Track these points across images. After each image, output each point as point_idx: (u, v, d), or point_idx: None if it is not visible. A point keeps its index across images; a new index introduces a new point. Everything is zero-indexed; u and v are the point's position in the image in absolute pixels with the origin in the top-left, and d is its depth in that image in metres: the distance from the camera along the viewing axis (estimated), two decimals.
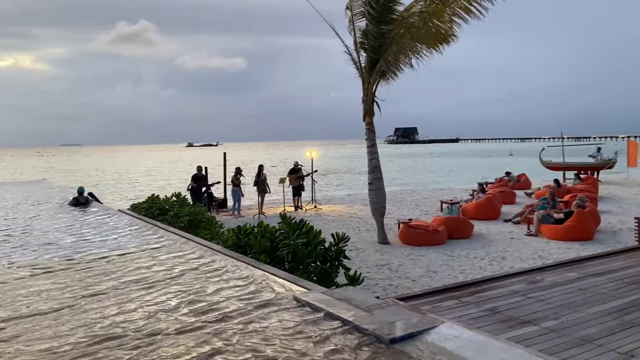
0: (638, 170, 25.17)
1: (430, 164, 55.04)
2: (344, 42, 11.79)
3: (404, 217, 14.01)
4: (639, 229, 7.71)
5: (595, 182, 20.78)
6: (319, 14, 11.43)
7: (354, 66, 11.93)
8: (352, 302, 4.12)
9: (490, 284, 5.67)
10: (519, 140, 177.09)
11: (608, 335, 4.03)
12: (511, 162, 48.68)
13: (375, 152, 11.81)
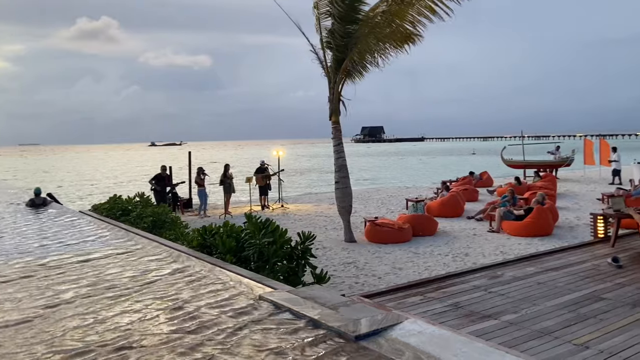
0: (594, 168, 26.16)
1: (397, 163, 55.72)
2: (310, 41, 11.82)
3: (370, 215, 14.14)
4: (595, 224, 8.00)
5: (554, 179, 21.46)
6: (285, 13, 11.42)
7: (320, 65, 11.97)
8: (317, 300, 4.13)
9: (454, 279, 5.79)
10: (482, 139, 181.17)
11: (564, 328, 4.18)
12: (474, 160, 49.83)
13: (342, 151, 11.87)
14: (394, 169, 45.11)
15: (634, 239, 7.44)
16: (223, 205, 16.45)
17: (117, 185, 33.19)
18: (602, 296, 5.00)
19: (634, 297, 4.97)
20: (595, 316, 4.44)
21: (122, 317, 3.79)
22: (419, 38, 11.17)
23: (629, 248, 7.07)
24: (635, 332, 4.05)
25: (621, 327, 4.17)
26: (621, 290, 5.19)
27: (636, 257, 6.52)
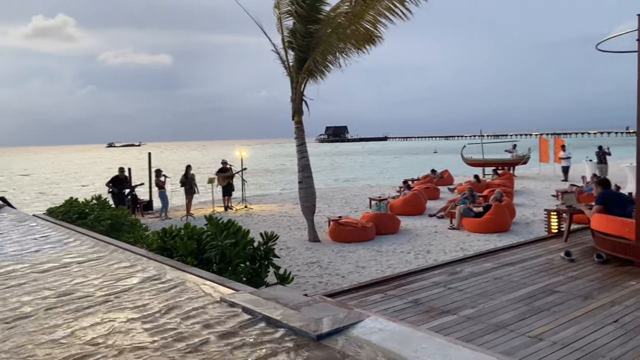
0: (549, 166, 27.07)
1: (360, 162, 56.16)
2: (272, 41, 11.78)
3: (334, 214, 14.22)
4: (549, 220, 8.29)
5: (511, 177, 22.11)
6: (246, 12, 11.34)
7: (282, 65, 11.95)
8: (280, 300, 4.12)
9: (414, 276, 5.88)
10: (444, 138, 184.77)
11: (519, 321, 4.31)
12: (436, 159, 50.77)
13: (305, 151, 11.88)
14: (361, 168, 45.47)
15: (585, 234, 7.75)
16: (185, 206, 16.20)
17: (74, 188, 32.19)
18: (555, 289, 5.19)
19: (585, 289, 5.18)
20: (549, 309, 4.60)
21: (80, 329, 3.68)
22: (379, 39, 11.30)
23: (580, 242, 7.36)
24: (586, 323, 4.22)
25: (573, 318, 4.33)
26: (573, 283, 5.40)
27: (587, 251, 6.79)
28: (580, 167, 23.59)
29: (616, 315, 4.40)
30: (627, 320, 4.26)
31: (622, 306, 4.62)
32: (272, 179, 35.58)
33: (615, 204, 6.70)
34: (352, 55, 11.63)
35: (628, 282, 5.38)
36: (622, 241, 6.15)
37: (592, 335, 3.97)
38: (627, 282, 5.36)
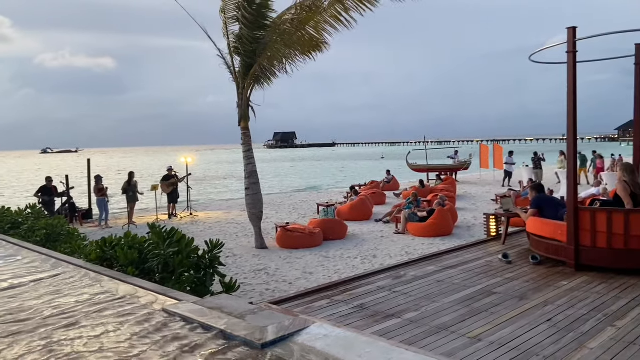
0: (489, 171, 28.17)
1: (309, 168, 56.33)
2: (217, 46, 11.64)
3: (282, 221, 14.18)
4: (488, 224, 8.61)
5: (454, 182, 22.83)
6: (190, 17, 11.15)
7: (228, 70, 11.82)
8: (224, 310, 4.05)
9: (360, 281, 5.94)
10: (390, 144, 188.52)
11: (460, 322, 4.44)
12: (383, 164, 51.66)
13: (252, 157, 11.79)
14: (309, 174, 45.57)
15: (521, 237, 8.10)
16: (127, 214, 15.68)
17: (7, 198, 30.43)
18: (493, 291, 5.38)
19: (520, 290, 5.40)
20: (487, 310, 4.76)
21: None
22: (325, 45, 11.40)
23: (517, 245, 7.69)
24: (521, 323, 4.40)
25: (510, 319, 4.51)
26: (510, 284, 5.62)
27: (523, 253, 7.09)
28: (517, 172, 24.69)
29: (549, 314, 4.61)
30: (560, 319, 4.48)
31: (555, 305, 4.86)
32: (219, 186, 35.05)
33: (549, 208, 7.04)
34: (299, 61, 11.68)
35: (560, 282, 5.66)
36: (555, 243, 6.48)
37: (527, 334, 4.14)
38: (559, 282, 5.64)
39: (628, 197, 6.36)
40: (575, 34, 6.10)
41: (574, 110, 6.16)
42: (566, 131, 6.26)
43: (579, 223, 6.15)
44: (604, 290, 5.30)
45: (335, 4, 10.29)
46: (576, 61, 6.15)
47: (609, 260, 5.98)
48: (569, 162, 6.47)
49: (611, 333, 4.11)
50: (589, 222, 6.09)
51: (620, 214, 5.98)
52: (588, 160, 23.54)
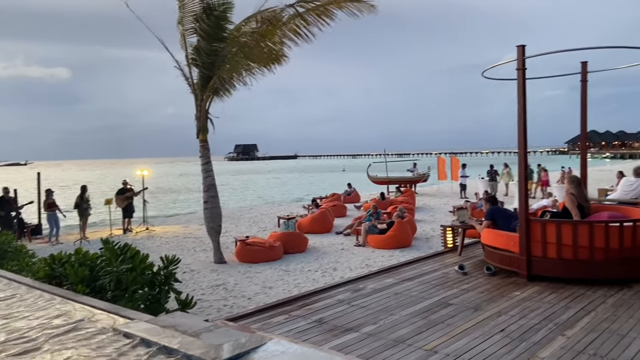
0: (447, 183, 28.77)
1: (270, 180, 56.07)
2: (174, 57, 11.49)
3: (241, 234, 14.01)
4: (444, 235, 8.76)
5: (413, 194, 23.21)
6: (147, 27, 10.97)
7: (186, 82, 11.67)
8: (179, 328, 3.93)
9: (319, 295, 5.91)
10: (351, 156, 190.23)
11: (417, 335, 4.47)
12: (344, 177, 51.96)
13: (210, 170, 11.64)
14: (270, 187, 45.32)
15: (477, 248, 8.27)
16: (79, 230, 15.14)
17: None
18: (449, 302, 5.46)
19: (475, 301, 5.50)
20: (443, 321, 4.82)
21: None
22: (285, 59, 11.43)
23: (472, 256, 7.84)
24: (476, 334, 4.47)
25: (465, 330, 4.57)
26: (466, 296, 5.71)
27: (478, 264, 7.24)
28: (474, 184, 25.33)
29: (503, 324, 4.70)
30: (513, 329, 4.57)
31: (508, 316, 4.96)
32: (177, 199, 34.39)
33: (502, 219, 7.23)
34: (259, 74, 11.65)
35: (513, 292, 5.79)
36: (508, 254, 6.64)
37: (481, 345, 4.20)
38: (512, 293, 5.77)
39: (575, 208, 6.61)
40: (524, 52, 6.33)
41: (524, 125, 6.37)
42: (517, 145, 6.47)
43: (531, 234, 6.33)
44: (554, 299, 5.45)
45: (295, 18, 10.36)
46: (525, 78, 6.38)
47: (559, 270, 6.18)
48: (520, 175, 6.67)
49: (561, 342, 4.23)
50: (540, 234, 6.28)
51: (568, 225, 6.20)
52: (534, 173, 24.41)
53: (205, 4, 10.78)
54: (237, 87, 11.96)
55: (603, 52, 7.03)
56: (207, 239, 12.59)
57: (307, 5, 10.13)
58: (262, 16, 10.73)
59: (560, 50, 6.21)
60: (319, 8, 10.06)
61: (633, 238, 6.06)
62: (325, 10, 10.05)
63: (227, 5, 10.99)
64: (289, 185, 47.69)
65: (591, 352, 4.00)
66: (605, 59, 11.89)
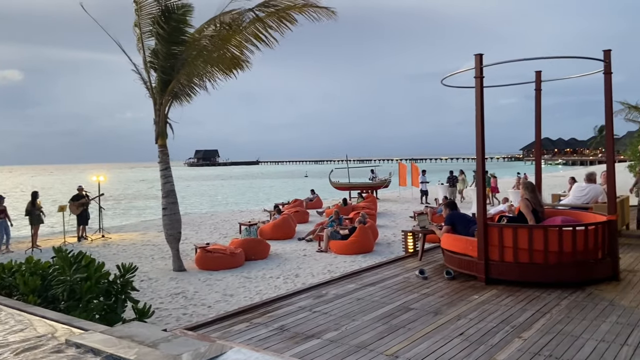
0: (407, 189, 29.21)
1: (231, 186, 55.48)
2: (132, 60, 11.23)
3: (201, 241, 13.77)
4: (405, 240, 8.86)
5: (375, 200, 23.42)
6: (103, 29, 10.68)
7: (144, 86, 11.42)
8: (135, 338, 3.80)
9: (281, 302, 5.85)
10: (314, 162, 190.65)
11: (378, 340, 4.48)
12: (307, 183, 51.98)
13: (170, 176, 11.40)
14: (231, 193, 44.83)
15: (437, 252, 8.40)
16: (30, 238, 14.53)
17: None
18: (410, 307, 5.50)
19: (435, 305, 5.57)
20: (405, 326, 4.85)
21: None
22: (247, 64, 11.34)
23: (432, 261, 7.95)
24: (436, 338, 4.51)
25: (425, 334, 4.61)
26: (426, 300, 5.78)
27: (438, 269, 7.35)
28: (434, 189, 25.80)
29: (462, 328, 4.77)
30: (471, 333, 4.64)
31: (467, 319, 5.04)
32: (136, 205, 33.56)
33: (461, 224, 7.37)
34: (220, 79, 11.52)
35: (472, 296, 5.90)
36: (467, 258, 6.77)
37: (441, 349, 4.25)
38: (471, 297, 5.87)
39: (530, 213, 6.81)
40: (482, 61, 6.49)
41: (482, 132, 6.53)
42: (475, 152, 6.62)
43: (488, 239, 6.48)
44: (511, 302, 5.58)
45: (256, 22, 10.30)
46: (483, 86, 6.54)
47: (515, 274, 6.33)
48: (478, 181, 6.82)
49: (518, 344, 4.32)
50: (497, 238, 6.43)
51: (524, 229, 6.37)
52: (491, 179, 25.12)
53: (164, 7, 10.58)
54: (198, 92, 11.80)
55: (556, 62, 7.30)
56: (166, 247, 12.31)
57: (267, 9, 10.09)
58: (221, 20, 10.62)
59: (515, 59, 6.40)
60: (279, 12, 10.03)
61: (585, 242, 6.29)
62: (286, 15, 10.04)
63: (186, 9, 10.83)
64: (251, 191, 47.32)
65: (547, 353, 4.11)
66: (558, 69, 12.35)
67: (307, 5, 9.85)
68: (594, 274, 6.34)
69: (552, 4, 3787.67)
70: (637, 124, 23.18)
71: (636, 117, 23.58)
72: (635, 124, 23.47)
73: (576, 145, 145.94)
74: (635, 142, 18.63)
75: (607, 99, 6.52)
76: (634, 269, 6.94)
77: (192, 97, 11.82)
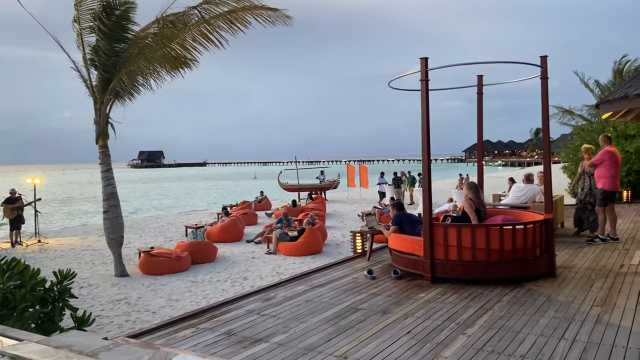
0: (356, 190, 29.52)
1: (177, 189, 54.18)
2: (71, 57, 10.73)
3: (145, 245, 13.35)
4: (354, 241, 8.92)
5: (323, 201, 23.53)
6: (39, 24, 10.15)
7: (84, 84, 10.94)
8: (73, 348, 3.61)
9: (228, 306, 5.74)
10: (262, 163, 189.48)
11: (327, 341, 4.47)
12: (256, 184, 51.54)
13: (111, 178, 10.97)
14: (178, 195, 43.75)
15: (384, 252, 8.51)
16: None
17: None
18: (359, 307, 5.54)
19: (383, 305, 5.63)
20: (353, 326, 4.86)
21: None
22: (194, 63, 11.08)
23: (380, 260, 8.05)
24: (384, 337, 4.55)
25: (374, 334, 4.65)
26: (374, 300, 5.83)
27: (386, 268, 7.44)
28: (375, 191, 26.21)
29: (409, 326, 4.84)
30: (419, 331, 4.72)
31: (414, 317, 5.12)
32: (75, 209, 32.13)
33: (408, 224, 7.50)
34: (165, 78, 11.20)
35: (418, 294, 6.01)
36: (413, 257, 6.89)
37: (389, 348, 4.29)
38: (417, 295, 5.98)
39: (473, 213, 7.03)
40: (427, 64, 6.63)
41: (428, 134, 6.67)
42: (421, 153, 6.75)
43: (434, 238, 6.62)
44: (456, 300, 5.73)
45: (202, 23, 10.08)
46: (428, 89, 6.68)
47: (459, 272, 6.51)
48: (425, 182, 6.96)
49: (463, 341, 4.43)
50: (442, 237, 6.58)
51: (468, 229, 6.56)
52: (417, 181, 25.87)
53: (105, 3, 10.18)
54: (141, 91, 11.43)
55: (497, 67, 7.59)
56: (107, 251, 11.84)
57: (213, 10, 9.89)
58: (164, 19, 10.32)
59: (459, 63, 6.58)
60: (231, 14, 9.87)
61: (524, 240, 6.54)
62: (239, 17, 9.88)
63: (129, 5, 10.47)
64: (198, 193, 46.39)
65: (490, 349, 4.23)
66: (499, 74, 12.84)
67: (259, 7, 9.72)
68: (533, 270, 6.61)
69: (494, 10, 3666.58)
70: (570, 127, 24.52)
71: (569, 120, 24.97)
72: (569, 127, 24.84)
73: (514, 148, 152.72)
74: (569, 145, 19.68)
75: (543, 103, 6.82)
76: (569, 265, 7.30)
77: (135, 96, 11.44)
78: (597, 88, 24.02)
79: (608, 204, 8.84)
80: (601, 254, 7.98)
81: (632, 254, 7.95)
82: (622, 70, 23.36)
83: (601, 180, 8.82)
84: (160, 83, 11.25)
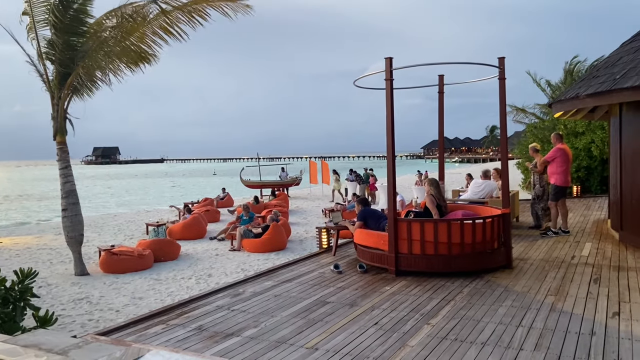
0: (318, 186, 29.69)
1: (135, 186, 52.96)
2: (25, 50, 10.36)
3: (105, 243, 13.08)
4: (320, 237, 9.05)
5: (286, 197, 23.59)
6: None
7: (40, 79, 10.58)
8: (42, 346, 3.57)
9: (197, 302, 5.76)
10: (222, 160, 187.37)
11: (298, 334, 4.58)
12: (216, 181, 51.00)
13: (70, 175, 10.68)
14: (136, 192, 42.77)
15: (350, 247, 8.68)
16: None
17: None
18: (327, 300, 5.67)
19: (351, 298, 5.78)
20: (322, 319, 4.99)
21: None
22: (154, 58, 10.90)
23: (346, 255, 8.22)
24: (353, 329, 4.70)
25: (342, 326, 4.79)
26: (341, 293, 5.98)
27: (352, 263, 7.61)
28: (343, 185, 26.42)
29: (376, 318, 5.01)
30: (385, 322, 4.89)
31: (381, 309, 5.30)
32: (30, 207, 30.96)
33: (372, 220, 7.69)
34: (124, 73, 10.96)
35: (384, 287, 6.20)
36: (378, 252, 7.08)
37: (358, 339, 4.44)
38: (383, 288, 6.17)
39: (435, 208, 7.28)
40: (392, 64, 6.81)
41: (392, 131, 6.86)
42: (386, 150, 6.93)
43: (398, 233, 6.82)
44: (419, 292, 5.94)
45: (161, 16, 9.93)
46: (393, 88, 6.87)
47: (422, 265, 6.74)
48: (389, 179, 7.15)
49: (427, 330, 4.62)
50: (406, 232, 6.79)
51: (430, 223, 6.79)
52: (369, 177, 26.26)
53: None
54: (100, 86, 11.16)
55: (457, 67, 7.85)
56: (65, 250, 11.54)
57: (175, 2, 9.76)
58: (123, 12, 10.12)
59: (423, 63, 6.79)
60: (190, 5, 9.76)
61: (483, 233, 6.84)
62: (198, 9, 9.79)
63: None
64: (157, 190, 45.50)
65: (453, 337, 4.44)
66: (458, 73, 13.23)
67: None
68: (491, 262, 6.92)
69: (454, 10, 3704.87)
70: (523, 124, 25.48)
71: (522, 118, 25.93)
72: (522, 125, 25.80)
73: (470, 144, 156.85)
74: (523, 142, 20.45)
75: (501, 103, 7.12)
76: (524, 257, 7.66)
77: (94, 91, 11.17)
78: (549, 88, 25.04)
79: (560, 198, 9.31)
80: (554, 246, 8.41)
81: (582, 245, 8.41)
82: (572, 70, 24.43)
83: (553, 176, 9.28)
84: (120, 78, 11.02)
